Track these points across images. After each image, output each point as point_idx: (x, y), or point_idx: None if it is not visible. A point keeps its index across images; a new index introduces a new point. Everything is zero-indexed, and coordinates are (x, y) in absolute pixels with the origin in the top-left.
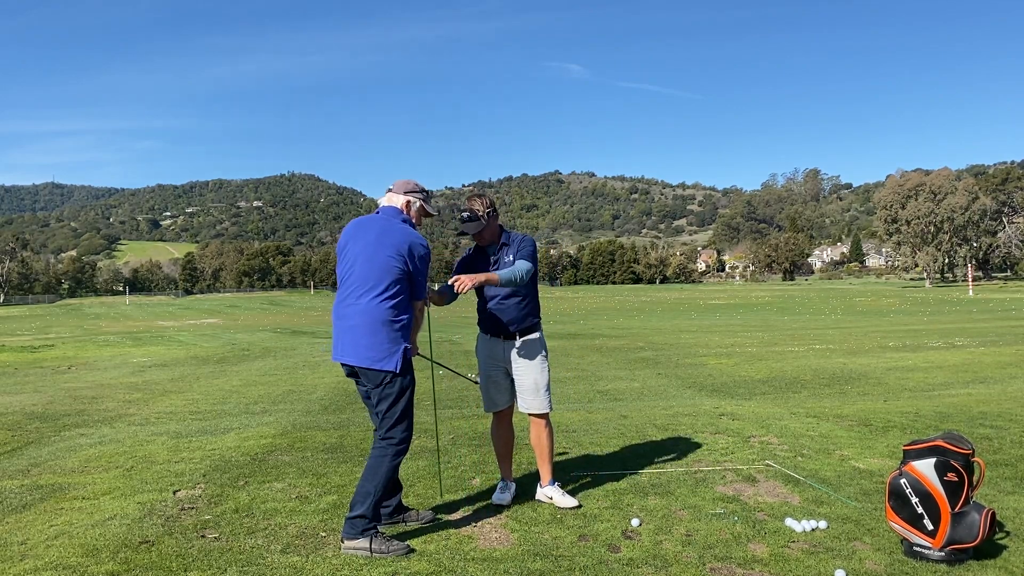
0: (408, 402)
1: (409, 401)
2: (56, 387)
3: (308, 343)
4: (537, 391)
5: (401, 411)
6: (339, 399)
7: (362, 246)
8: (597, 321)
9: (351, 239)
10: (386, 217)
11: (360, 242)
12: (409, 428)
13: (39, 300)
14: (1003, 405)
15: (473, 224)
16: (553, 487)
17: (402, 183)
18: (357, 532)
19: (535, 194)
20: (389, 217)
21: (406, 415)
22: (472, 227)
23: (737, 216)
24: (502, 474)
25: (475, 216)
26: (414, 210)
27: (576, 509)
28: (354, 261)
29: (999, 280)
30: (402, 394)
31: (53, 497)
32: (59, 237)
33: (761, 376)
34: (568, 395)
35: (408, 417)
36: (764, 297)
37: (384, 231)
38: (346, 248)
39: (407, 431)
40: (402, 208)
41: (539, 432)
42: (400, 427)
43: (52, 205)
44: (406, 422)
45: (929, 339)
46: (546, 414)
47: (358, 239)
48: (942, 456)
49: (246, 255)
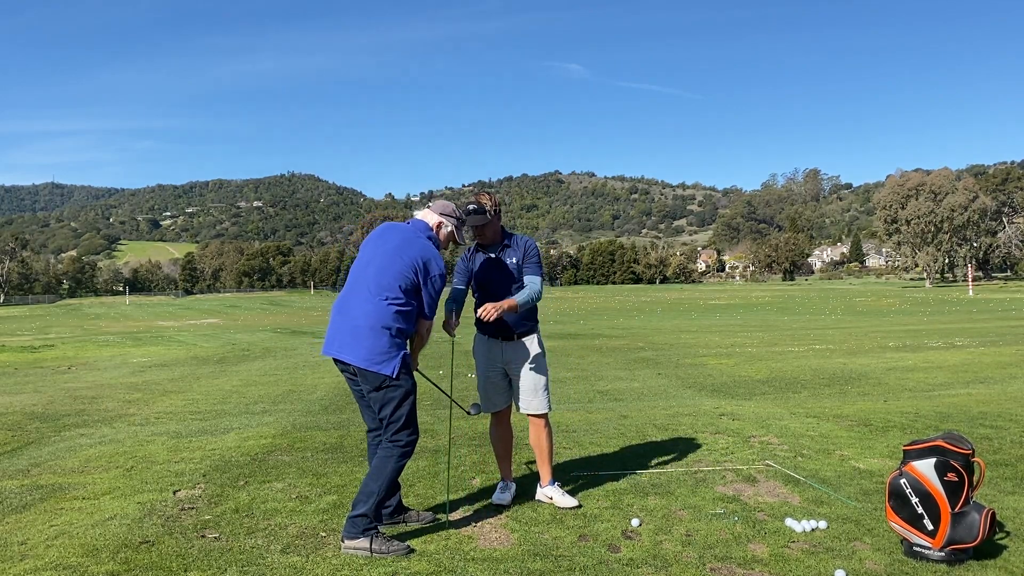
0: (411, 406)
1: (412, 405)
2: (56, 387)
3: (308, 343)
4: (535, 392)
5: (406, 415)
6: (339, 399)
7: (382, 250)
8: (597, 321)
9: (374, 240)
10: (414, 229)
11: (381, 246)
12: (415, 431)
13: (39, 300)
14: (1003, 405)
15: (478, 216)
16: (553, 487)
17: (441, 204)
18: (358, 531)
19: (535, 194)
20: (417, 230)
21: (411, 418)
22: (477, 219)
23: (737, 216)
24: (502, 474)
25: (482, 209)
26: (443, 233)
27: (576, 509)
28: (369, 262)
29: (999, 280)
30: (405, 398)
31: (53, 497)
32: (59, 237)
33: (761, 376)
34: (568, 395)
35: (413, 420)
36: (764, 297)
37: (407, 241)
38: (366, 247)
39: (413, 434)
40: (433, 227)
41: (538, 432)
42: (406, 431)
43: (52, 205)
44: (412, 425)
45: (929, 339)
46: (545, 414)
47: (380, 242)
48: (942, 456)
49: (246, 255)
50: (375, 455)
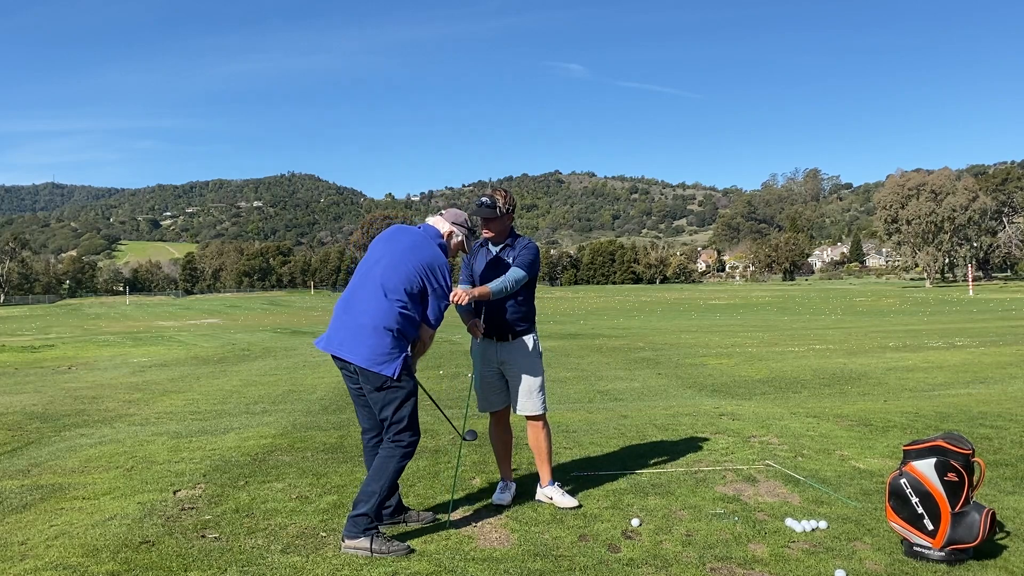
0: (413, 407)
1: (414, 406)
2: (56, 387)
3: (308, 343)
4: (530, 393)
5: (408, 415)
6: (339, 399)
7: (391, 251)
8: (597, 321)
9: (384, 240)
10: (425, 234)
11: (391, 246)
12: (416, 431)
13: (39, 300)
14: (1003, 405)
15: (488, 210)
16: (553, 487)
17: (453, 213)
18: (359, 531)
19: (535, 194)
20: (428, 235)
21: (412, 419)
22: (485, 212)
23: (737, 216)
24: (502, 474)
25: (493, 204)
26: (454, 242)
27: (576, 509)
28: (378, 260)
29: (999, 280)
30: (407, 399)
31: (53, 497)
32: (59, 237)
33: (761, 376)
34: (568, 395)
35: (414, 421)
36: (764, 297)
37: (417, 244)
38: (376, 246)
39: (415, 435)
40: (444, 235)
41: (536, 433)
42: (408, 431)
43: (52, 205)
44: (414, 426)
45: (929, 339)
46: (541, 415)
47: (391, 242)
48: (942, 456)
49: (246, 255)
50: (372, 456)
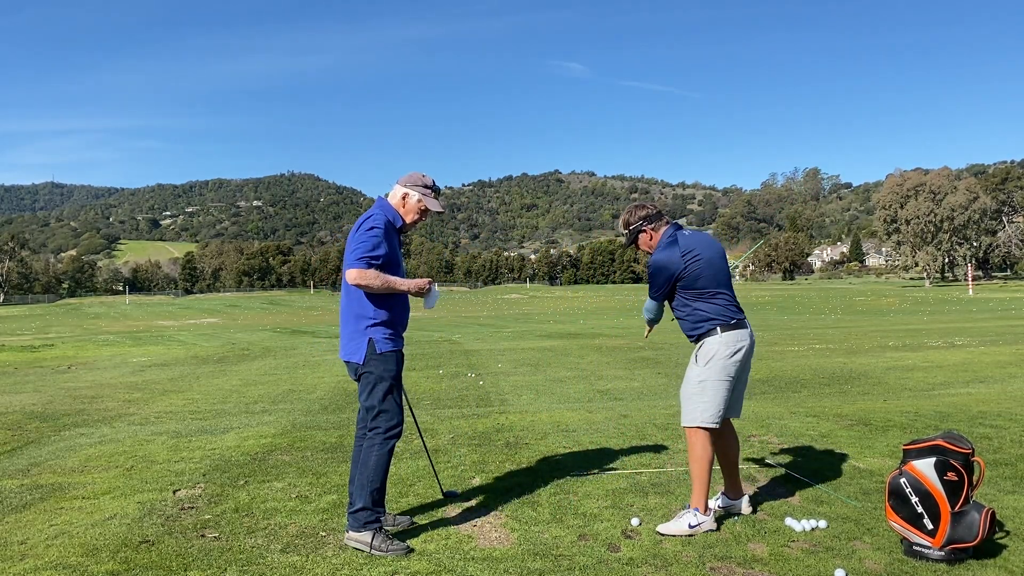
0: (385, 392)
1: (387, 392)
2: (56, 387)
3: (308, 343)
4: (683, 400)
5: (379, 401)
6: (339, 399)
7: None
8: (597, 321)
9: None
10: (362, 217)
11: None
12: (393, 418)
13: (39, 300)
14: (1003, 404)
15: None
16: (688, 512)
17: (406, 176)
18: (360, 525)
19: (535, 194)
20: (362, 217)
21: (386, 405)
22: (625, 240)
23: (737, 216)
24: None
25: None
26: (411, 203)
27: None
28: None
29: (999, 279)
30: (377, 383)
31: (53, 497)
32: (59, 237)
33: (761, 376)
34: (568, 394)
35: (390, 407)
36: (764, 296)
37: (358, 226)
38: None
39: (390, 420)
40: (398, 203)
41: (688, 447)
42: (382, 417)
43: (52, 205)
44: (388, 412)
45: (929, 338)
46: (693, 427)
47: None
48: (942, 455)
49: (246, 255)
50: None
